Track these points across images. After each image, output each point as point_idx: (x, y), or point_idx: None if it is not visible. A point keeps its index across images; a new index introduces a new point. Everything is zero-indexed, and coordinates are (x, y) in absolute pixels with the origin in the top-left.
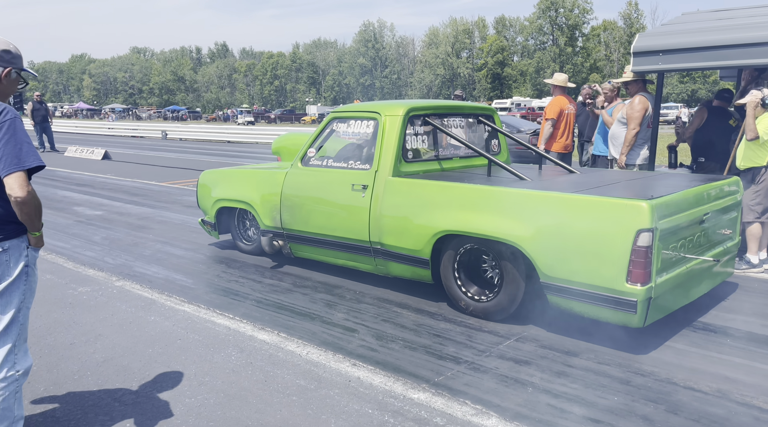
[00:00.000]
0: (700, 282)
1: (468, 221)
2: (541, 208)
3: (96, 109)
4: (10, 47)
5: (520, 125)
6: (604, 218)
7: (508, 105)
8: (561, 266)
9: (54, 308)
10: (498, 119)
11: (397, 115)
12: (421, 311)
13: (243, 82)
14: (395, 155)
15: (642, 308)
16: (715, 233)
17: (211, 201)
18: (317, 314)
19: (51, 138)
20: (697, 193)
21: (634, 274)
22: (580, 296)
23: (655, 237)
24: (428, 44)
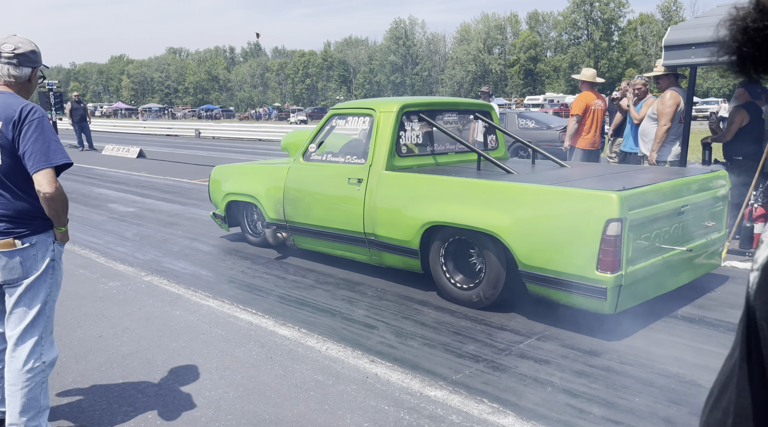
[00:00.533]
0: (679, 272)
1: (453, 213)
2: (519, 200)
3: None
4: (36, 47)
5: (550, 122)
6: (575, 209)
7: (541, 101)
8: (537, 255)
9: (84, 302)
10: (495, 116)
11: (390, 111)
12: (442, 309)
13: (275, 80)
14: (389, 150)
15: (612, 295)
16: (696, 224)
17: (221, 195)
18: (338, 311)
19: (89, 137)
20: (673, 186)
21: (604, 262)
22: (555, 283)
23: (625, 227)
24: (459, 41)
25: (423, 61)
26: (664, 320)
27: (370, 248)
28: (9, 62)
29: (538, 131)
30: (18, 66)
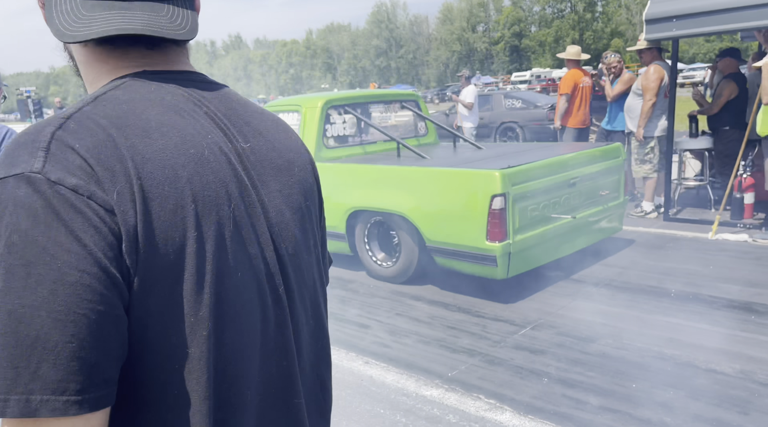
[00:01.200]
0: (575, 238)
1: (370, 197)
2: (422, 183)
3: None
4: None
5: (537, 100)
6: (466, 187)
7: (528, 77)
8: (439, 231)
9: None
10: (423, 105)
11: (315, 106)
12: (435, 303)
13: (258, 72)
14: (315, 142)
15: (502, 261)
16: (590, 194)
17: None
18: (330, 311)
19: None
20: (561, 161)
21: (492, 233)
22: (456, 255)
23: (509, 200)
24: (443, 21)
25: (407, 44)
26: (656, 300)
27: None
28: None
29: (525, 111)
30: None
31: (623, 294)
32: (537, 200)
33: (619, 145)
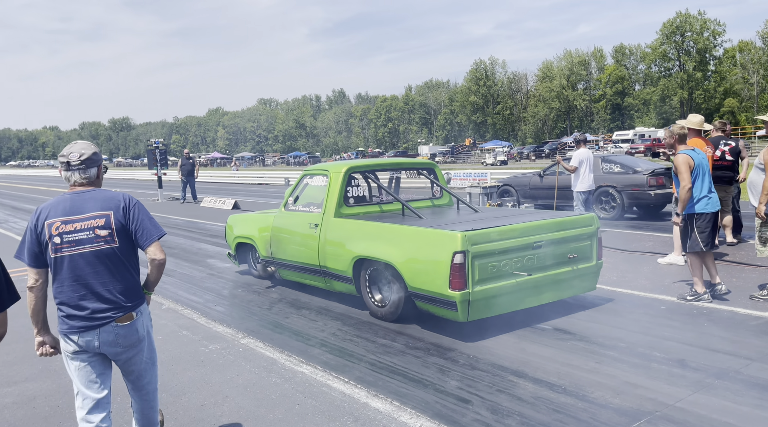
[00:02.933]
0: (540, 293)
1: (370, 249)
2: (405, 239)
3: (228, 157)
4: (96, 148)
5: (637, 165)
6: (436, 244)
7: (631, 136)
8: (417, 279)
9: (188, 367)
10: (440, 172)
11: (339, 172)
12: (539, 382)
13: (358, 125)
14: (337, 201)
15: (461, 307)
16: (558, 256)
17: (232, 237)
18: (430, 381)
19: (194, 190)
20: (524, 227)
21: (453, 283)
22: (428, 299)
23: (468, 257)
24: (542, 78)
25: (504, 100)
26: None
27: (324, 277)
28: (78, 168)
29: (623, 175)
30: (86, 169)
31: (753, 391)
32: (497, 258)
33: (593, 215)
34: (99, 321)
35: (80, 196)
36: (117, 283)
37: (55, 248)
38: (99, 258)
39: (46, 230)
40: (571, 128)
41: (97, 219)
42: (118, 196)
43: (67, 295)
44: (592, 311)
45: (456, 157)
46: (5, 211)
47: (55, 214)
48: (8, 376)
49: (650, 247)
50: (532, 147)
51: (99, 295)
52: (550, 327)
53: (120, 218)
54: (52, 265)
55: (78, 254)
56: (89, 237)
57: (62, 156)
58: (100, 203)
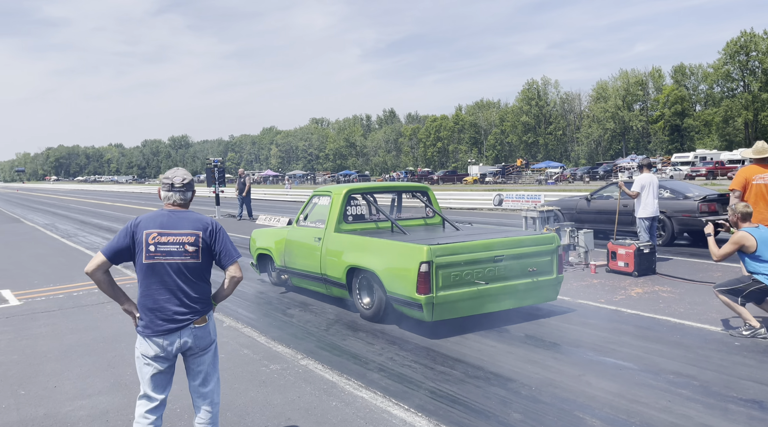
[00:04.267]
0: (500, 300)
1: (359, 259)
2: (384, 250)
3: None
4: (192, 176)
5: (688, 190)
6: (407, 255)
7: (691, 159)
8: (393, 284)
9: (251, 386)
10: (432, 195)
11: (340, 193)
12: (610, 420)
13: (408, 145)
14: (337, 218)
15: (427, 309)
16: (516, 268)
17: (255, 249)
18: (492, 413)
19: (249, 208)
20: (486, 244)
21: (420, 288)
22: (401, 302)
23: (432, 267)
24: (596, 98)
25: (557, 121)
26: None
27: (325, 284)
28: (180, 190)
29: (673, 201)
30: (185, 192)
31: None
32: (459, 268)
33: (554, 234)
34: (180, 323)
35: (176, 215)
36: (194, 292)
37: (149, 254)
38: (183, 269)
39: (143, 237)
40: (627, 150)
41: (188, 236)
42: (207, 219)
43: (153, 298)
44: (658, 344)
45: (507, 178)
46: (75, 225)
47: (154, 225)
48: (82, 389)
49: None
50: (585, 168)
51: (180, 300)
52: (612, 359)
53: (206, 238)
54: (142, 270)
55: (167, 263)
56: (179, 250)
57: (166, 178)
58: (192, 223)
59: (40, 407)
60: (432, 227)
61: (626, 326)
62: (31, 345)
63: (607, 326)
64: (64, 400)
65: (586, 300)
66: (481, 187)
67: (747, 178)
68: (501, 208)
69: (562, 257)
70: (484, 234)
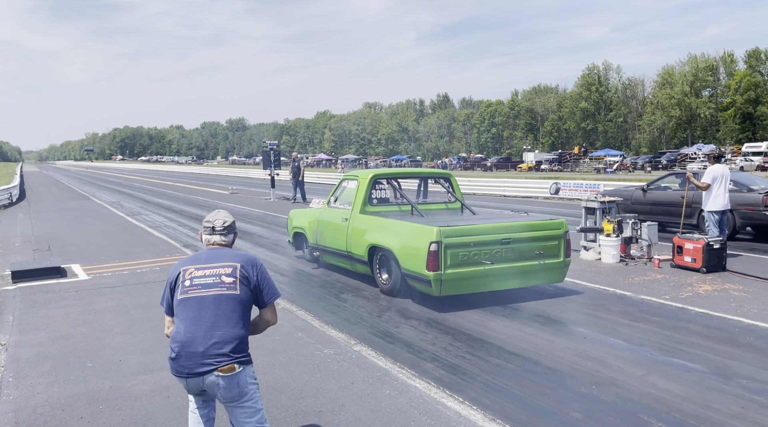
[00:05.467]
0: (506, 280)
1: (378, 238)
2: (400, 231)
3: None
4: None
5: (752, 182)
6: (419, 235)
7: (764, 149)
8: (407, 262)
9: (305, 370)
10: (455, 181)
11: (366, 178)
12: (678, 425)
13: (461, 130)
14: (363, 201)
15: (435, 285)
16: (523, 251)
17: (291, 227)
18: (550, 410)
19: (303, 191)
20: (494, 227)
21: (429, 265)
22: (413, 278)
23: (441, 247)
24: (661, 84)
25: (617, 107)
26: None
27: (350, 260)
28: (221, 233)
29: (736, 194)
30: (227, 235)
31: None
32: (467, 249)
33: (562, 221)
34: (204, 367)
35: (215, 251)
36: (229, 329)
37: (184, 289)
38: (219, 302)
39: (180, 275)
40: (693, 138)
41: (226, 267)
42: (248, 255)
43: (181, 334)
44: (730, 346)
45: (563, 166)
46: (138, 204)
47: (191, 263)
48: (145, 364)
49: None
50: (647, 157)
51: (211, 337)
52: (679, 360)
53: (245, 271)
54: (176, 306)
55: (201, 296)
56: (215, 282)
57: (207, 222)
58: (230, 256)
59: (106, 380)
60: (451, 211)
61: (694, 325)
62: (99, 319)
63: (672, 324)
64: (129, 374)
65: (649, 296)
66: (537, 175)
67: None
68: (557, 197)
69: (569, 242)
70: (495, 218)
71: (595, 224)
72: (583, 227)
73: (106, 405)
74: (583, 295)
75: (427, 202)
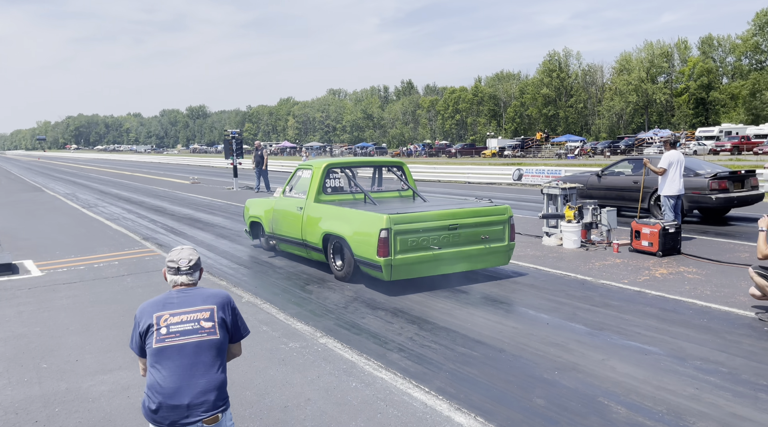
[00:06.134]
0: (454, 263)
1: (332, 226)
2: (352, 219)
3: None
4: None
5: (699, 167)
6: (370, 223)
7: (716, 133)
8: (359, 248)
9: (270, 364)
10: (407, 169)
11: (320, 167)
12: (636, 408)
13: (425, 117)
14: (317, 190)
15: (386, 270)
16: (470, 236)
17: (248, 216)
18: (514, 397)
19: (267, 180)
20: (442, 213)
21: (380, 251)
22: (365, 264)
23: (391, 233)
24: (619, 70)
25: (578, 93)
26: None
27: (305, 249)
28: (187, 272)
29: (684, 178)
30: (193, 274)
31: None
32: (416, 235)
33: (507, 206)
34: (189, 418)
35: (186, 293)
36: (212, 376)
37: (161, 337)
38: (200, 349)
39: (153, 321)
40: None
41: (203, 311)
42: (220, 293)
43: (161, 386)
44: (685, 328)
45: (526, 152)
46: (94, 195)
47: (162, 308)
48: (103, 363)
49: (747, 258)
50: (606, 142)
51: (195, 387)
52: (637, 343)
53: (222, 313)
54: (152, 355)
55: (180, 344)
56: (194, 328)
57: (172, 262)
58: (204, 298)
59: (62, 382)
60: (404, 199)
61: (651, 308)
62: (53, 317)
63: (631, 308)
64: (86, 374)
65: (608, 281)
66: (500, 161)
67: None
68: (520, 183)
69: (513, 226)
70: (443, 205)
71: (557, 211)
72: (545, 214)
73: (63, 408)
74: (545, 281)
75: (381, 191)
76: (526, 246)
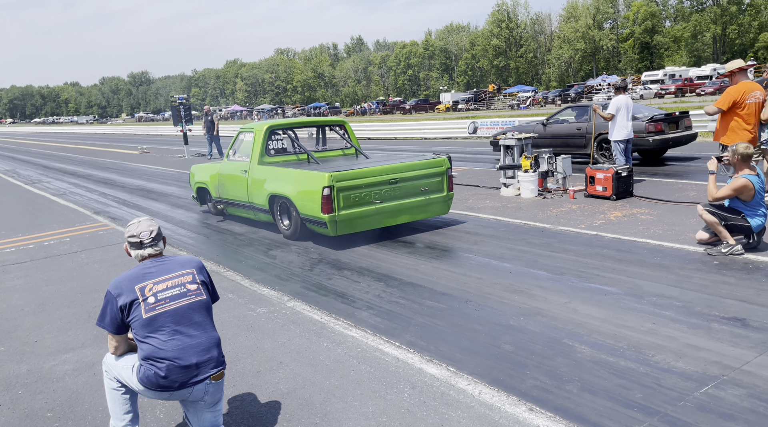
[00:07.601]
0: (396, 215)
1: (278, 187)
2: (298, 178)
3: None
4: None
5: (637, 111)
6: (313, 182)
7: (661, 77)
8: (304, 207)
9: (239, 331)
10: (349, 128)
11: (262, 129)
12: (599, 346)
13: (378, 74)
14: (260, 152)
15: (330, 225)
16: (410, 189)
17: (194, 183)
18: (482, 345)
19: (219, 146)
20: (382, 169)
21: (324, 208)
22: (311, 221)
23: (333, 190)
24: (566, 18)
25: (527, 43)
26: None
27: (253, 211)
28: (151, 245)
29: None
30: (157, 243)
31: None
32: (358, 191)
33: (444, 158)
34: (198, 376)
35: (162, 262)
36: (210, 334)
37: (150, 306)
38: (192, 310)
39: (138, 294)
40: (597, 70)
41: (185, 275)
42: (194, 259)
43: (166, 351)
44: (640, 267)
45: (479, 104)
46: (37, 171)
47: (143, 279)
48: (65, 342)
49: (695, 197)
50: (557, 91)
51: (198, 346)
52: (596, 285)
53: (201, 276)
54: (144, 325)
55: (173, 308)
56: (182, 292)
57: (132, 237)
58: (181, 264)
59: (23, 364)
60: (347, 157)
61: (608, 250)
62: (6, 299)
63: (589, 251)
64: (47, 355)
65: (566, 227)
66: (455, 115)
67: (735, 99)
68: (476, 136)
69: (451, 177)
70: (384, 161)
71: (513, 161)
72: (502, 165)
73: (26, 390)
74: (506, 231)
75: (325, 150)
76: (485, 198)
